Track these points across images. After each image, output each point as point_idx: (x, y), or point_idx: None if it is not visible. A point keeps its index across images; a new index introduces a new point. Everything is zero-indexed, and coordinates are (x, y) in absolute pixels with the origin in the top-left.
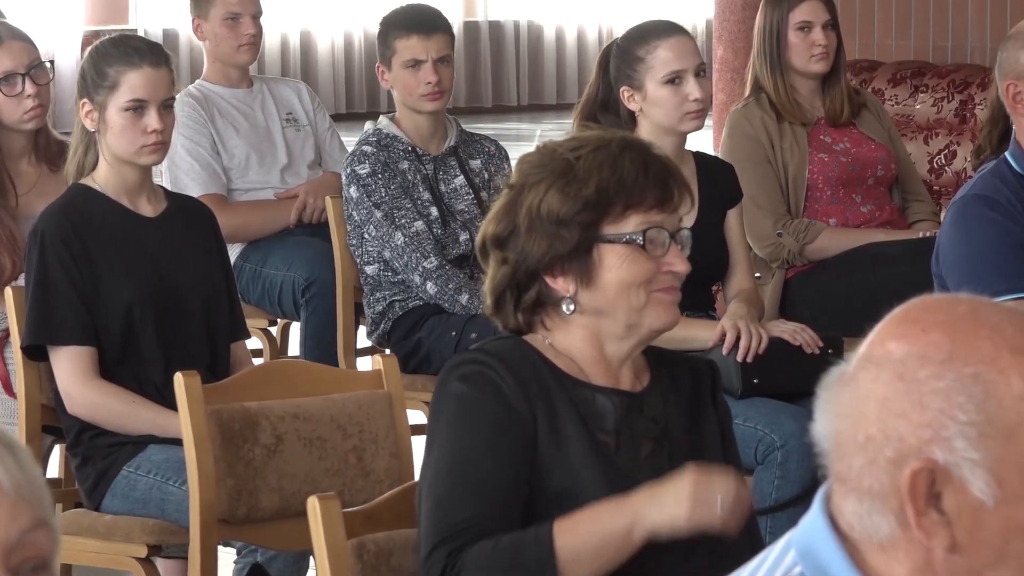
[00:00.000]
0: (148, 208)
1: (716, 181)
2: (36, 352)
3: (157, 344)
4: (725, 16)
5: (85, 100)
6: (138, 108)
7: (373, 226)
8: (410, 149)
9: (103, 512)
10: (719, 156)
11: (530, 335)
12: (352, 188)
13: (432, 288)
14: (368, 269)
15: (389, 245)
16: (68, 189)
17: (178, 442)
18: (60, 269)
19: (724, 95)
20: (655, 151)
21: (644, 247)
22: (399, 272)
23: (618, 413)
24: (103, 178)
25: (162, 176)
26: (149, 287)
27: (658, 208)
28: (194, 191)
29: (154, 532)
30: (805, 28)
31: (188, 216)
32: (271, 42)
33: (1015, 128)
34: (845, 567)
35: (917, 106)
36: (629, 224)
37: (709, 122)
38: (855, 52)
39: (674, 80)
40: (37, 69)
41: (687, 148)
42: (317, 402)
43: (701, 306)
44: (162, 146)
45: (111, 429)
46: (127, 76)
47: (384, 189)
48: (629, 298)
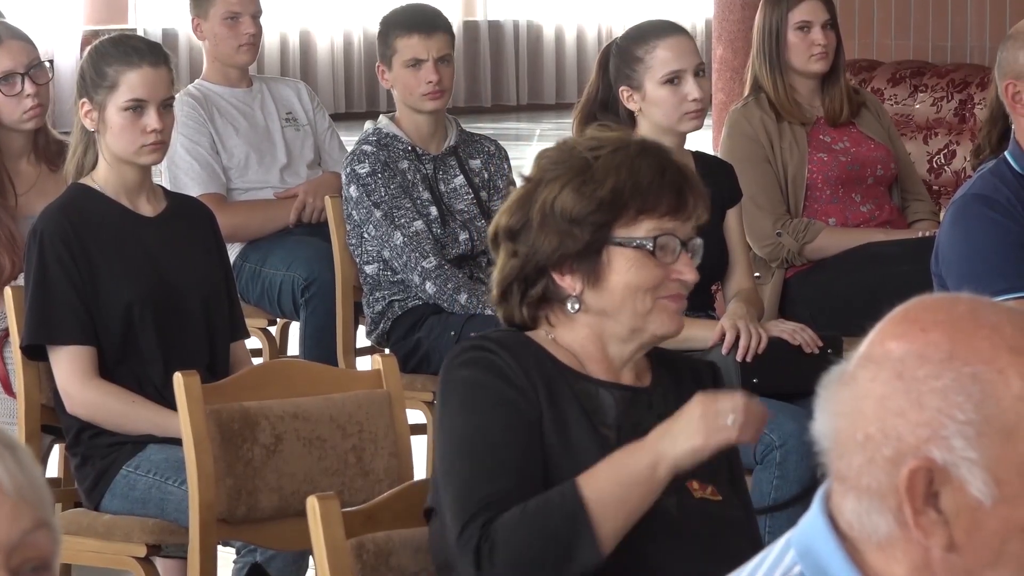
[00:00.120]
0: (147, 208)
1: (715, 181)
2: (35, 352)
3: (156, 344)
4: (724, 16)
5: (84, 100)
6: (137, 108)
7: (372, 226)
8: (410, 149)
9: (102, 512)
10: (718, 156)
11: (532, 331)
12: (352, 187)
13: (431, 288)
14: (367, 269)
15: (388, 245)
16: (67, 189)
17: (177, 442)
18: (59, 269)
19: (723, 95)
20: (674, 157)
21: (654, 253)
22: (398, 272)
23: (619, 407)
24: (102, 178)
25: (161, 176)
26: (148, 287)
27: (671, 215)
28: (193, 191)
29: (153, 532)
30: (804, 28)
31: (187, 216)
32: (271, 42)
33: (1015, 128)
34: (845, 566)
35: (916, 106)
36: (641, 229)
37: (709, 122)
38: (854, 52)
39: (673, 80)
40: (37, 69)
41: (687, 148)
42: (316, 402)
43: (701, 306)
44: (161, 146)
45: (110, 429)
46: (126, 76)
47: (384, 189)
48: (635, 302)
